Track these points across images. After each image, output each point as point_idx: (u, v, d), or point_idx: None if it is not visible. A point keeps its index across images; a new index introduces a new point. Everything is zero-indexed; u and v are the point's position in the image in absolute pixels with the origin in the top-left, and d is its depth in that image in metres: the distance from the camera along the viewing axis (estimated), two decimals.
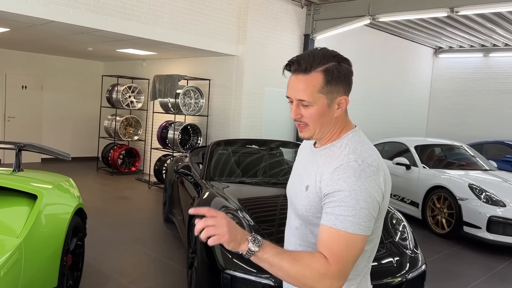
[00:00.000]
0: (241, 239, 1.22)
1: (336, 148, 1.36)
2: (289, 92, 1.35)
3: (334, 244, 1.24)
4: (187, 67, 8.87)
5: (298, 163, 1.54)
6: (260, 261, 1.23)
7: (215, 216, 1.22)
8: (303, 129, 1.38)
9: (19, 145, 3.66)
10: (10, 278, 2.28)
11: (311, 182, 1.35)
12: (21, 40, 7.90)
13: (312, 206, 1.34)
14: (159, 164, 8.53)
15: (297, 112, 1.35)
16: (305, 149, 1.54)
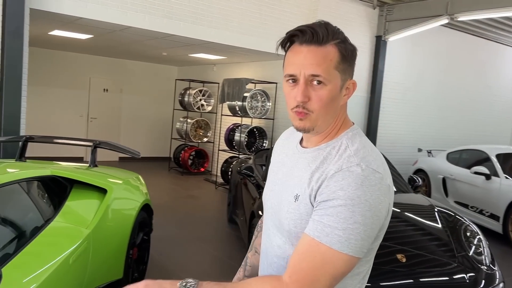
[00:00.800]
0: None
1: (334, 149, 1.11)
2: (296, 68, 1.08)
3: (307, 259, 1.00)
4: (255, 71, 8.97)
5: (278, 165, 1.26)
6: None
7: None
8: (304, 117, 1.10)
9: (95, 143, 3.92)
10: (79, 266, 2.43)
11: (301, 190, 1.10)
12: (103, 46, 8.50)
13: (303, 220, 1.08)
14: (225, 166, 8.71)
15: (306, 94, 1.07)
16: (287, 149, 1.27)
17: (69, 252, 2.31)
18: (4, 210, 2.27)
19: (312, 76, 1.07)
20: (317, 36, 1.07)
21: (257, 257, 1.44)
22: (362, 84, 8.36)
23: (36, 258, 2.10)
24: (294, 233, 1.10)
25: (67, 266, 2.26)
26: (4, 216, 2.26)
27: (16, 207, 2.37)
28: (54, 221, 2.45)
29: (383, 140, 8.76)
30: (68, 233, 2.45)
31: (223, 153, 9.22)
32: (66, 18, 5.57)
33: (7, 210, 2.31)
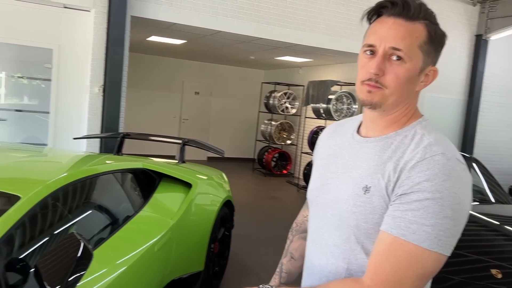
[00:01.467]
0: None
1: (406, 138, 1.02)
2: (377, 38, 1.01)
3: (390, 260, 0.93)
4: (341, 73, 8.80)
5: (329, 158, 1.16)
6: None
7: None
8: (375, 90, 1.01)
9: (184, 140, 4.16)
10: (163, 254, 2.58)
11: (373, 181, 1.00)
12: (196, 51, 8.96)
13: (376, 214, 0.99)
14: (308, 169, 8.65)
15: (381, 67, 0.99)
16: (338, 141, 1.17)
17: (155, 240, 2.47)
18: (100, 197, 2.50)
19: (393, 49, 0.99)
20: (407, 10, 1.00)
21: (293, 263, 1.39)
22: (458, 86, 7.78)
23: (126, 242, 2.28)
24: (364, 229, 1.01)
25: (152, 252, 2.42)
26: (100, 202, 2.49)
27: (111, 195, 2.59)
28: (143, 210, 2.63)
29: (481, 147, 8.05)
30: (154, 223, 2.62)
31: (306, 155, 9.17)
32: (162, 24, 5.97)
33: (103, 197, 2.53)
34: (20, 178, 2.09)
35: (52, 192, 1.93)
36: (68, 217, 2.16)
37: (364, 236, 1.02)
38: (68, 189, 2.12)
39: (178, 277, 2.90)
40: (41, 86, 5.66)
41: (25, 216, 1.74)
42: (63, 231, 2.02)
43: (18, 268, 1.70)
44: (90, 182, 2.37)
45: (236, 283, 3.86)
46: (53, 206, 2.04)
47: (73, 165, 2.46)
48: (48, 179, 1.98)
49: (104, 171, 2.44)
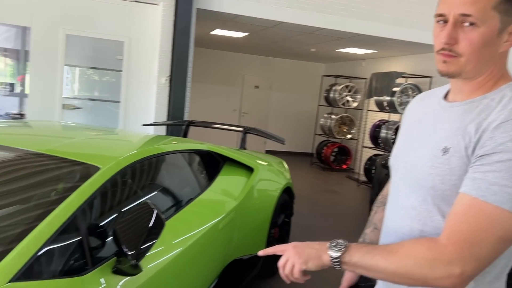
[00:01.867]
0: (319, 252, 1.02)
1: (493, 101, 0.98)
2: (447, 7, 0.98)
3: (468, 221, 0.91)
4: (407, 65, 8.47)
5: (413, 124, 1.16)
6: (352, 267, 1.00)
7: (284, 250, 1.08)
8: (450, 59, 1.00)
9: (245, 128, 4.24)
10: (226, 233, 2.65)
11: (453, 142, 0.99)
12: (256, 44, 9.05)
13: (453, 175, 0.97)
14: (369, 163, 8.44)
15: (452, 35, 0.97)
16: (424, 108, 1.16)
17: (220, 218, 2.54)
18: (170, 173, 2.63)
19: (462, 16, 0.96)
20: None
21: (376, 233, 1.38)
22: None
23: (194, 217, 2.37)
24: (440, 190, 1.00)
25: (217, 229, 2.49)
26: (170, 178, 2.61)
27: (180, 173, 2.71)
28: (208, 190, 2.72)
29: None
30: (219, 202, 2.70)
31: (367, 150, 8.95)
32: (226, 16, 6.09)
33: (172, 174, 2.66)
34: (98, 153, 2.24)
35: (128, 164, 2.06)
36: (140, 189, 2.29)
37: (440, 198, 1.01)
38: (143, 163, 2.25)
39: (239, 257, 2.97)
40: (112, 77, 6.02)
41: (104, 184, 1.87)
42: (136, 201, 2.14)
43: (98, 232, 1.83)
44: (161, 159, 2.50)
45: None
46: (128, 178, 2.17)
47: (145, 143, 2.59)
48: (123, 154, 2.11)
49: (174, 149, 2.56)
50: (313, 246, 1.06)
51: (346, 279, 1.39)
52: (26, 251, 1.46)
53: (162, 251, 2.00)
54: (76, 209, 1.68)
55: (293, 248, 1.07)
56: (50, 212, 1.62)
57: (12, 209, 1.78)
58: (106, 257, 1.74)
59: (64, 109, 5.66)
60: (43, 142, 2.32)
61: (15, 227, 1.62)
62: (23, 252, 1.45)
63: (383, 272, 0.98)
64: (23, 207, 1.77)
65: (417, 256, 0.94)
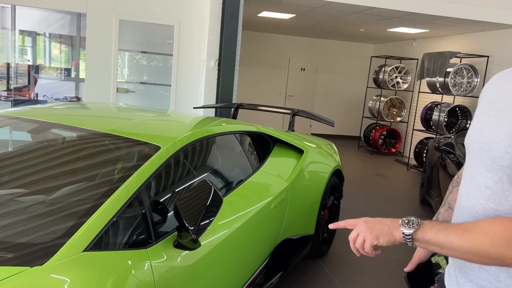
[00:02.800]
0: (391, 229, 1.06)
1: None
2: None
3: None
4: (462, 44, 8.06)
5: (490, 104, 1.14)
6: (424, 244, 1.02)
7: (355, 224, 1.11)
8: None
9: (294, 111, 4.24)
10: (278, 212, 2.70)
11: None
12: (303, 26, 8.93)
13: None
14: (420, 147, 8.19)
15: None
16: (502, 87, 1.12)
17: (272, 198, 2.59)
18: (225, 153, 2.71)
19: None
20: None
21: (450, 212, 1.38)
22: None
23: (248, 196, 2.44)
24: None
25: (269, 209, 2.55)
26: (224, 158, 2.68)
27: (234, 153, 2.78)
28: (260, 170, 2.77)
29: None
30: (271, 182, 2.75)
31: (418, 133, 8.68)
32: None
33: (227, 153, 2.73)
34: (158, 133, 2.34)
35: (186, 144, 2.14)
36: (197, 168, 2.37)
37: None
38: (200, 143, 2.33)
39: (290, 237, 3.02)
40: (163, 61, 6.17)
41: (164, 163, 1.96)
42: (194, 179, 2.23)
43: (159, 209, 1.93)
44: (215, 139, 2.57)
45: (344, 252, 3.88)
46: (185, 157, 2.26)
47: (199, 124, 2.67)
48: (180, 135, 2.20)
49: (227, 131, 2.62)
50: (384, 223, 1.09)
51: (418, 255, 1.43)
52: (97, 224, 1.58)
53: (218, 227, 2.08)
54: (139, 186, 1.78)
55: (364, 223, 1.11)
56: (116, 189, 1.72)
57: (82, 185, 1.91)
58: (168, 232, 1.83)
59: (118, 92, 5.90)
60: (105, 122, 2.45)
61: (86, 202, 1.75)
62: (94, 225, 1.57)
63: (457, 249, 0.99)
64: (92, 184, 1.90)
65: (495, 234, 0.94)
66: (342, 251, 3.90)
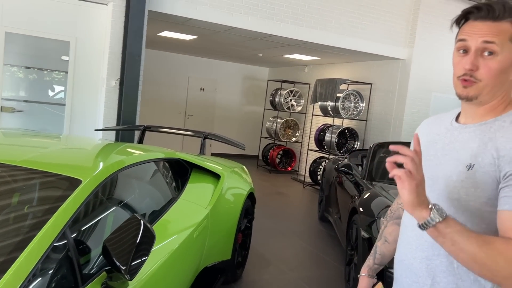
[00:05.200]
0: (423, 202, 1.02)
1: (505, 122, 1.13)
2: (469, 38, 1.13)
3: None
4: (349, 72, 8.90)
5: (428, 144, 1.27)
6: (439, 235, 1.02)
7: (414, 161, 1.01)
8: (470, 85, 1.13)
9: (205, 134, 4.23)
10: (200, 241, 2.65)
11: (477, 160, 1.12)
12: (204, 47, 9.01)
13: (478, 188, 1.10)
14: (314, 166, 8.75)
15: (475, 63, 1.11)
16: (436, 130, 1.30)
17: (195, 227, 2.54)
18: (143, 183, 2.57)
19: (485, 43, 1.10)
20: (493, 13, 1.11)
21: (387, 246, 1.49)
22: None
23: (171, 226, 2.35)
24: (465, 201, 1.13)
25: (192, 239, 2.49)
26: (143, 189, 2.55)
27: (154, 182, 2.66)
28: (181, 198, 2.70)
29: None
30: (192, 210, 2.69)
31: (312, 153, 9.27)
32: (178, 19, 6.02)
33: (146, 184, 2.60)
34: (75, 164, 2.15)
35: (107, 176, 2.00)
36: (119, 201, 2.23)
37: (463, 208, 1.13)
38: (117, 176, 2.19)
39: (211, 264, 2.98)
40: (57, 78, 5.70)
41: (87, 198, 1.80)
42: (118, 215, 2.09)
43: (84, 249, 1.77)
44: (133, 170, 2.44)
45: (257, 274, 3.94)
46: (105, 190, 2.11)
47: (117, 152, 2.52)
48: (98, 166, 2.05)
49: (148, 158, 2.51)
50: (423, 192, 1.03)
51: None
52: (17, 277, 1.38)
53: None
54: (61, 229, 1.60)
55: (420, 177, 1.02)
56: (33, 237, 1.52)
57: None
58: (94, 274, 1.69)
59: (2, 112, 5.28)
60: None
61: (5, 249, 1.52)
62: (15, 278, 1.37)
63: (469, 255, 1.01)
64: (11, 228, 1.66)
65: (509, 257, 0.99)
66: (255, 272, 3.96)
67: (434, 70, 7.52)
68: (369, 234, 3.29)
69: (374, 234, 3.24)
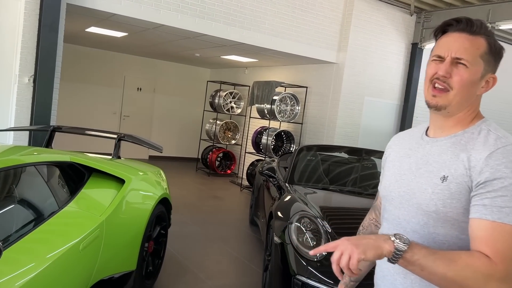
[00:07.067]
0: (379, 243, 1.07)
1: (473, 134, 1.19)
2: (444, 49, 1.20)
3: (499, 241, 1.06)
4: (286, 75, 8.90)
5: (401, 159, 1.33)
6: (409, 264, 1.06)
7: (336, 245, 1.09)
8: (440, 94, 1.19)
9: (119, 135, 3.97)
10: (89, 254, 2.42)
11: (450, 171, 1.16)
12: (138, 45, 8.67)
13: (454, 199, 1.14)
14: (251, 168, 8.66)
15: (448, 70, 1.18)
16: (407, 144, 1.35)
17: (80, 238, 2.31)
18: (21, 190, 2.30)
19: (457, 59, 1.18)
20: (470, 26, 1.19)
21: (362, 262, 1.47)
22: (395, 91, 8.14)
23: (48, 238, 2.11)
24: (443, 213, 1.16)
25: (76, 251, 2.26)
26: (20, 196, 2.29)
27: (33, 189, 2.39)
28: (68, 206, 2.46)
29: None
30: (80, 219, 2.46)
31: (250, 156, 9.18)
32: (101, 14, 5.70)
33: (24, 190, 2.33)
34: None
35: None
36: None
37: (442, 220, 1.16)
38: None
39: (108, 277, 2.75)
40: None
41: None
42: None
43: None
44: (11, 173, 2.18)
45: (171, 283, 3.74)
46: None
47: None
48: None
49: (27, 162, 2.25)
50: (369, 237, 1.09)
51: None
52: None
53: (13, 278, 1.73)
54: None
55: (347, 241, 1.08)
56: None
57: None
58: None
59: None
60: None
61: None
62: None
63: (440, 276, 1.05)
64: None
65: (475, 269, 1.04)
66: (169, 282, 3.76)
67: (367, 74, 7.67)
68: (282, 240, 3.20)
69: (286, 240, 3.15)
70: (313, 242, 3.07)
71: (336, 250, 1.08)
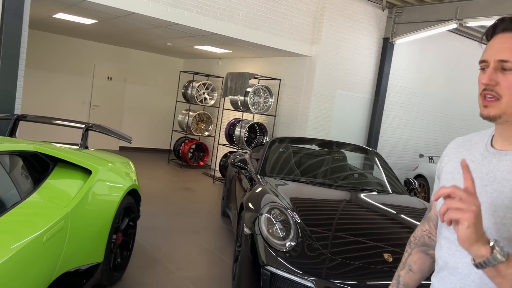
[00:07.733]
0: (481, 236, 0.92)
1: None
2: (488, 54, 1.09)
3: None
4: (260, 67, 8.89)
5: None
6: (498, 275, 0.91)
7: (465, 199, 0.93)
8: (490, 104, 1.07)
9: (87, 125, 3.87)
10: (53, 246, 2.35)
11: None
12: (108, 33, 8.46)
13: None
14: (224, 160, 8.64)
15: (492, 78, 1.06)
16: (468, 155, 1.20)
17: (44, 230, 2.24)
18: None
19: (501, 61, 1.06)
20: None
21: (411, 275, 1.38)
22: (366, 85, 8.26)
23: (6, 233, 2.04)
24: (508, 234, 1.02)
25: (40, 243, 2.19)
26: None
27: None
28: (31, 197, 2.38)
29: (385, 143, 8.65)
30: (43, 211, 2.38)
31: (223, 147, 9.15)
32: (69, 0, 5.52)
33: None
34: None
35: None
36: None
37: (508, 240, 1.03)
38: None
39: (74, 269, 2.69)
40: None
41: None
42: None
43: None
44: None
45: (140, 275, 3.70)
46: None
47: None
48: None
49: None
50: (481, 227, 0.93)
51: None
52: None
53: None
54: None
55: (475, 208, 0.91)
56: None
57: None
58: None
59: None
60: None
61: None
62: None
63: None
64: None
65: None
66: (138, 274, 3.71)
67: (339, 68, 7.75)
68: (252, 231, 3.21)
69: (256, 231, 3.16)
70: (282, 233, 3.09)
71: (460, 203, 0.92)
